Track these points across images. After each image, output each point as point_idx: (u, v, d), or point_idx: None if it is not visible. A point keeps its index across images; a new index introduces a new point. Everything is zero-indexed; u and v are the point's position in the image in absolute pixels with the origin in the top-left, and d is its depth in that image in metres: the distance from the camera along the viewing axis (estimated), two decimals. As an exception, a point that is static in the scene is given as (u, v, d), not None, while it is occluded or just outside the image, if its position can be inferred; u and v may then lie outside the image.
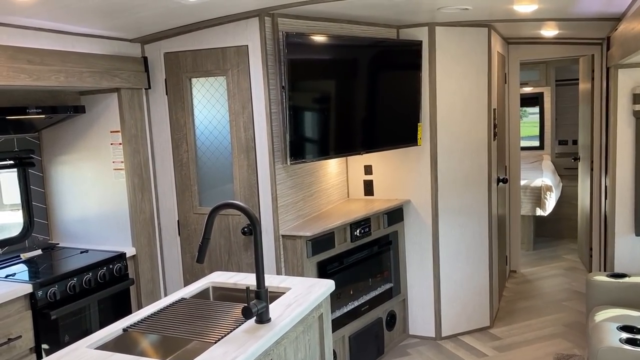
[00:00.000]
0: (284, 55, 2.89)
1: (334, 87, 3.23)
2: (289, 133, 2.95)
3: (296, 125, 2.99)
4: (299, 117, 3.00)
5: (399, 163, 3.92)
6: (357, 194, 4.06)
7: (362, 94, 3.41)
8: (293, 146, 2.98)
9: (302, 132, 3.03)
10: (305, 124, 3.05)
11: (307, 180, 3.41)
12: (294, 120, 2.97)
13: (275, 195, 3.05)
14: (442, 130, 3.81)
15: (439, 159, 3.82)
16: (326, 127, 3.18)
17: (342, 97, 3.27)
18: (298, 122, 3.00)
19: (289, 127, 2.94)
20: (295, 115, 2.97)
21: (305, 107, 3.05)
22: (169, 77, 3.20)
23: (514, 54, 5.22)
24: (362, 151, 3.42)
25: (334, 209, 3.69)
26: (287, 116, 2.94)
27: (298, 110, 2.99)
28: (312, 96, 3.09)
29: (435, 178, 3.82)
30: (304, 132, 3.05)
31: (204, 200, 3.25)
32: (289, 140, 2.95)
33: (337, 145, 3.26)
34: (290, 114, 2.94)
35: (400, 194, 3.94)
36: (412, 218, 3.92)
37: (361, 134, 3.42)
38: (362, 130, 3.42)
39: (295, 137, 2.99)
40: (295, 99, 2.96)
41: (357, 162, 4.02)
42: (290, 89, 2.93)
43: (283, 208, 3.14)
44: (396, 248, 3.88)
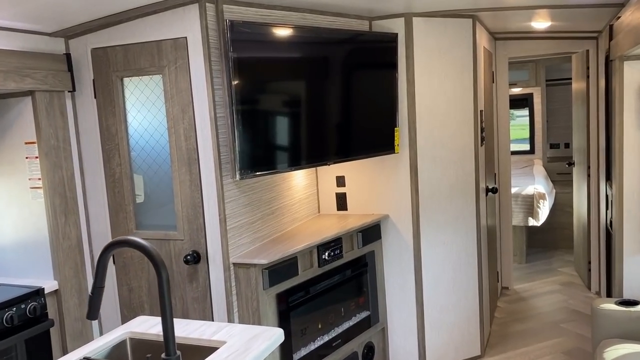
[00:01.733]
0: (229, 48, 2.40)
1: (292, 87, 2.74)
2: (237, 142, 2.46)
3: (246, 133, 2.50)
4: (249, 123, 2.52)
5: (374, 173, 3.44)
6: (329, 208, 3.58)
7: (328, 96, 2.93)
8: (243, 158, 2.48)
9: (254, 141, 2.54)
10: (257, 131, 2.56)
11: (266, 196, 2.92)
12: (243, 127, 2.47)
13: (224, 216, 2.56)
14: (422, 135, 3.34)
15: (420, 168, 3.35)
16: (284, 135, 2.69)
17: (303, 99, 2.79)
18: (248, 129, 2.51)
19: (237, 135, 2.45)
20: (244, 121, 2.48)
21: (257, 111, 2.56)
22: (98, 77, 2.70)
23: (502, 50, 4.78)
24: (329, 161, 2.94)
25: (300, 227, 3.20)
26: (234, 122, 2.45)
27: (248, 115, 2.51)
28: (266, 98, 2.60)
29: (416, 189, 3.35)
30: (257, 140, 2.56)
31: (142, 223, 2.75)
32: (237, 150, 2.46)
33: (298, 156, 2.77)
34: (239, 120, 2.45)
35: (377, 208, 3.46)
36: (390, 235, 3.45)
37: (328, 141, 2.93)
38: (329, 138, 2.94)
39: (246, 146, 2.49)
40: (244, 102, 2.47)
41: (328, 172, 3.54)
42: (238, 90, 2.44)
43: (235, 230, 2.64)
44: (373, 270, 3.39)
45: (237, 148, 2.46)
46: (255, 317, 2.59)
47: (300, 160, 2.78)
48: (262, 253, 2.65)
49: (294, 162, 2.75)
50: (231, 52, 2.40)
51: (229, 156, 2.55)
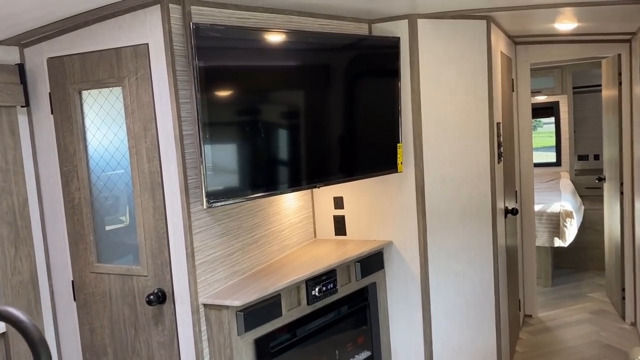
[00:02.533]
0: (194, 56, 2.06)
1: (272, 101, 2.39)
2: (205, 164, 2.11)
3: (216, 154, 2.15)
4: (220, 142, 2.17)
5: (376, 194, 3.06)
6: (327, 233, 3.20)
7: (317, 110, 2.57)
8: (212, 183, 2.13)
9: (225, 163, 2.19)
10: (229, 152, 2.21)
11: (248, 223, 2.57)
12: (212, 146, 2.13)
13: (192, 249, 2.21)
14: (430, 152, 2.95)
15: (428, 189, 2.96)
16: (262, 155, 2.33)
17: (285, 114, 2.43)
18: (219, 149, 2.17)
19: (205, 157, 2.10)
20: (214, 140, 2.13)
21: (230, 128, 2.21)
22: (55, 90, 2.39)
23: (523, 55, 4.35)
24: (318, 184, 2.57)
25: (290, 257, 2.83)
26: (201, 141, 2.10)
27: (218, 133, 2.16)
28: (240, 113, 2.25)
29: (423, 213, 2.95)
30: (229, 162, 2.21)
31: (104, 255, 2.42)
32: (205, 174, 2.11)
33: (279, 179, 2.41)
34: (207, 138, 2.11)
35: (379, 234, 3.08)
36: (395, 265, 3.06)
37: (316, 161, 2.57)
38: (317, 157, 2.57)
39: (215, 170, 2.14)
40: (213, 118, 2.12)
41: (325, 193, 3.17)
42: (205, 103, 2.09)
43: (206, 265, 2.29)
44: (375, 305, 3.00)
45: (205, 171, 2.11)
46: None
47: (283, 184, 2.42)
48: (239, 291, 2.30)
49: (274, 186, 2.39)
50: (196, 60, 2.06)
51: (198, 180, 2.21)
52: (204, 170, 2.10)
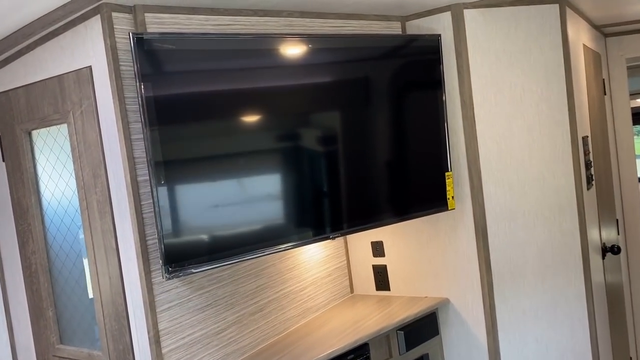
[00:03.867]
0: (139, 77, 1.54)
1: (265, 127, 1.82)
2: (161, 222, 1.56)
3: (180, 202, 1.60)
4: (186, 185, 1.62)
5: (424, 237, 2.39)
6: (366, 287, 2.56)
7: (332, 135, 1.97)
8: (171, 246, 1.58)
9: (196, 214, 1.64)
10: (202, 198, 1.66)
11: (248, 287, 1.99)
12: (171, 198, 1.58)
13: (155, 333, 1.66)
14: (491, 181, 2.24)
15: (491, 230, 2.24)
16: (247, 204, 1.75)
17: (286, 142, 1.85)
18: (185, 195, 1.62)
19: (160, 212, 1.56)
20: (173, 189, 1.59)
21: (197, 172, 1.65)
22: (4, 132, 1.96)
23: (616, 49, 3.50)
24: (333, 233, 1.94)
25: (313, 324, 2.22)
26: (155, 191, 1.56)
27: (180, 180, 1.61)
28: (213, 153, 1.69)
29: (487, 262, 2.24)
30: (202, 212, 1.65)
31: (67, 335, 1.93)
32: (162, 235, 1.56)
33: (281, 229, 1.82)
34: (162, 186, 1.57)
35: (431, 289, 2.39)
36: (454, 330, 2.35)
37: (326, 203, 1.94)
38: (328, 197, 1.95)
39: (177, 228, 1.59)
40: (171, 160, 1.58)
41: (362, 236, 2.54)
42: (158, 142, 1.56)
43: (183, 350, 1.74)
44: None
45: (160, 227, 1.56)
46: None
47: (286, 236, 1.83)
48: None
49: (274, 240, 1.80)
50: (141, 84, 1.53)
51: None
52: (159, 226, 1.55)
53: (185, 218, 1.60)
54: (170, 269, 1.56)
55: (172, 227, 1.57)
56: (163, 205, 1.55)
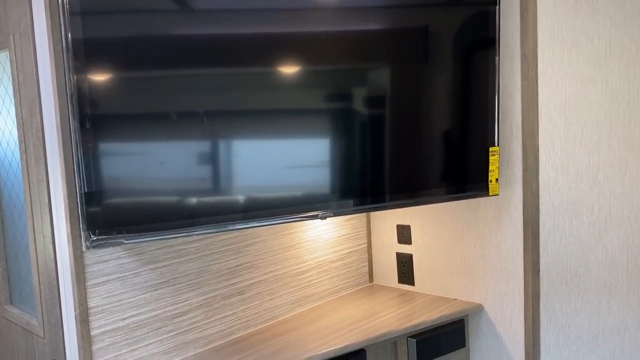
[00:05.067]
0: (64, 5, 1.20)
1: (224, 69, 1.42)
2: (83, 174, 1.23)
3: (111, 157, 1.27)
4: (120, 137, 1.28)
5: (459, 226, 1.92)
6: (388, 277, 2.14)
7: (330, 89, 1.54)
8: (98, 209, 1.25)
9: (131, 175, 1.29)
10: (142, 155, 1.31)
11: (222, 266, 1.65)
12: (101, 147, 1.25)
13: (84, 310, 1.36)
14: (551, 162, 1.72)
15: (545, 226, 1.74)
16: (206, 168, 1.38)
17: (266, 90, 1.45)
18: (118, 148, 1.28)
19: (82, 162, 1.23)
20: (104, 136, 1.25)
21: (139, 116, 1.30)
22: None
23: None
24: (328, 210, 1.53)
25: (308, 314, 1.85)
26: (77, 134, 1.23)
27: (115, 125, 1.27)
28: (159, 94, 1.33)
29: (535, 266, 1.74)
30: (140, 174, 1.30)
31: (16, 295, 1.69)
32: (83, 191, 1.24)
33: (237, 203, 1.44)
34: (90, 132, 1.23)
35: (462, 290, 1.93)
36: (484, 344, 1.89)
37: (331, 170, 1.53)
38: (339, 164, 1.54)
39: (109, 185, 1.26)
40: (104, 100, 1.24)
41: (387, 217, 2.11)
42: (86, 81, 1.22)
43: (122, 334, 1.43)
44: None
45: (83, 186, 1.24)
46: None
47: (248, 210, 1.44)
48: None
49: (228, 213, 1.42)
50: (67, 13, 1.19)
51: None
52: (80, 180, 1.23)
53: (121, 174, 1.27)
54: (92, 237, 1.24)
55: (100, 184, 1.24)
56: (86, 153, 1.22)
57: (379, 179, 1.61)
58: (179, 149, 1.31)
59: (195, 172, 1.34)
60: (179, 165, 1.31)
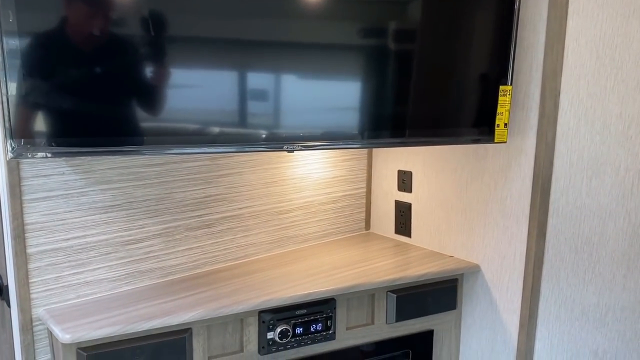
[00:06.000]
0: None
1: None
2: (6, 74, 1.10)
3: (34, 56, 1.13)
4: (46, 32, 1.13)
5: (463, 177, 1.70)
6: (385, 227, 1.96)
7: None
8: (20, 109, 1.13)
9: (61, 73, 1.15)
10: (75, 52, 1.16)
11: (187, 195, 1.52)
12: (23, 39, 1.11)
13: (18, 224, 1.27)
14: (574, 109, 1.46)
15: (558, 184, 1.49)
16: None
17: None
18: (41, 46, 1.13)
19: (6, 60, 1.10)
20: (30, 27, 1.11)
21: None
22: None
23: None
24: (294, 142, 1.35)
25: (286, 256, 1.71)
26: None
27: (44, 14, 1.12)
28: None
29: (541, 228, 1.52)
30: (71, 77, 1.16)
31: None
32: (7, 93, 1.11)
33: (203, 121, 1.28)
34: (11, 23, 1.09)
35: (460, 248, 1.73)
36: (478, 308, 1.70)
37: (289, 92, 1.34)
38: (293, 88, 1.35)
39: (34, 86, 1.13)
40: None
41: (389, 161, 1.91)
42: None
43: (62, 256, 1.34)
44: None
45: (6, 91, 1.11)
46: None
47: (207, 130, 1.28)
48: (115, 310, 1.31)
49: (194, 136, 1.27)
50: None
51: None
52: (5, 83, 1.10)
53: (49, 77, 1.13)
54: (13, 145, 1.12)
55: (24, 87, 1.11)
56: (10, 52, 1.08)
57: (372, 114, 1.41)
58: (119, 48, 1.16)
59: (136, 82, 1.19)
60: (118, 69, 1.16)
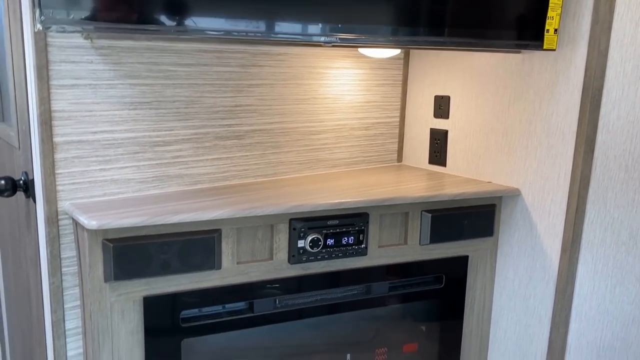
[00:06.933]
0: None
1: None
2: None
3: None
4: None
5: (505, 97, 1.62)
6: (418, 158, 1.89)
7: None
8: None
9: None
10: None
11: (217, 101, 1.47)
12: None
13: (45, 110, 1.23)
14: (631, 13, 1.36)
15: (610, 96, 1.40)
16: None
17: None
18: None
19: None
20: None
21: None
22: None
23: None
24: (330, 34, 1.28)
25: (315, 178, 1.66)
26: None
27: None
28: None
29: (590, 145, 1.43)
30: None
31: (7, 109, 1.61)
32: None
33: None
34: None
35: (499, 173, 1.65)
36: (517, 235, 1.62)
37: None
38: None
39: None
40: None
41: (425, 86, 1.83)
42: None
43: (89, 149, 1.30)
44: (460, 294, 1.65)
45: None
46: (95, 331, 1.25)
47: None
48: (142, 206, 1.27)
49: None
50: None
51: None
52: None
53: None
54: (43, 17, 1.07)
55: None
56: None
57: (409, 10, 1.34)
58: None
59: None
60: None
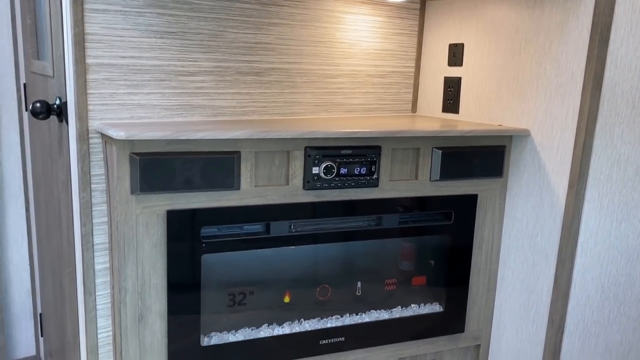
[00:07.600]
0: None
1: None
2: None
3: None
4: None
5: (517, 40, 1.67)
6: (431, 107, 1.95)
7: None
8: None
9: None
10: None
11: (238, 37, 1.54)
12: None
13: (79, 31, 1.32)
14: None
15: (618, 32, 1.44)
16: None
17: None
18: None
19: None
20: None
21: None
22: None
23: None
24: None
25: (330, 119, 1.72)
26: None
27: None
28: None
29: (598, 81, 1.47)
30: None
31: (43, 46, 1.70)
32: None
33: None
34: None
35: (509, 116, 1.70)
36: (525, 174, 1.67)
37: None
38: None
39: None
40: None
41: (441, 32, 1.89)
42: None
43: (119, 72, 1.39)
44: (468, 233, 1.70)
45: None
46: (121, 241, 1.33)
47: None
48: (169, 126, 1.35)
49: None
50: None
51: None
52: None
53: None
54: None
55: None
56: None
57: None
58: None
59: None
60: None
